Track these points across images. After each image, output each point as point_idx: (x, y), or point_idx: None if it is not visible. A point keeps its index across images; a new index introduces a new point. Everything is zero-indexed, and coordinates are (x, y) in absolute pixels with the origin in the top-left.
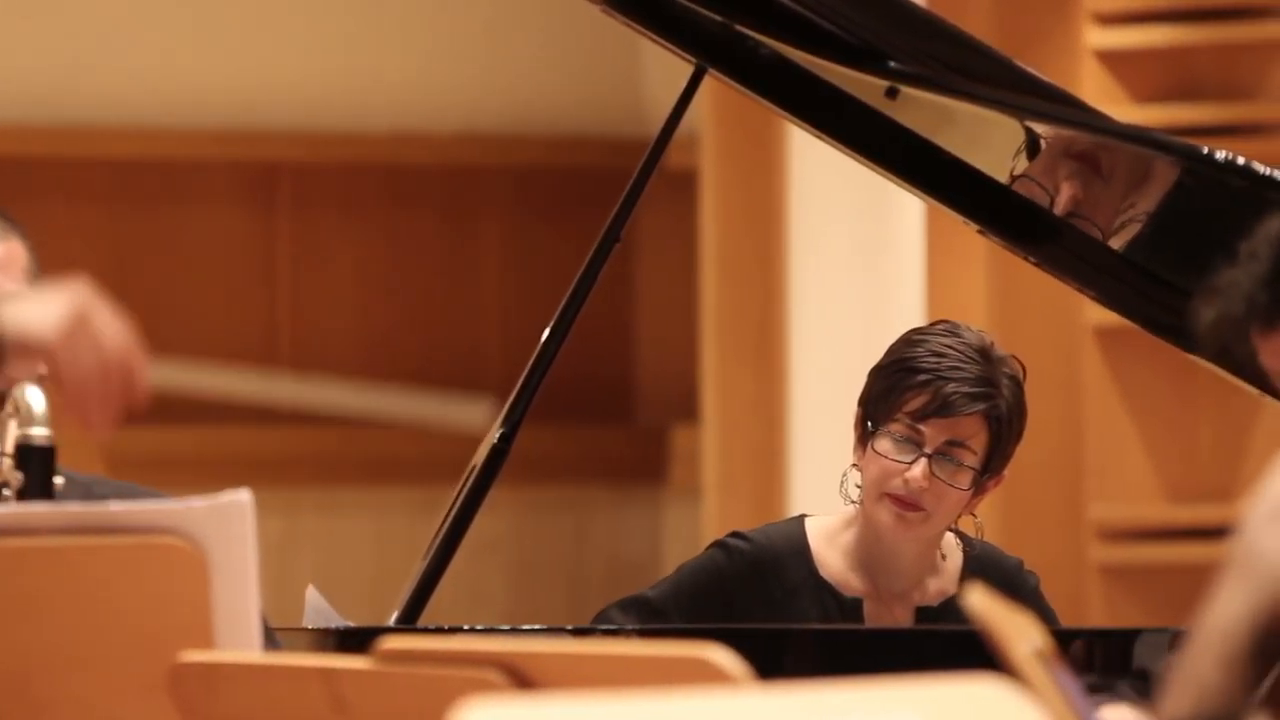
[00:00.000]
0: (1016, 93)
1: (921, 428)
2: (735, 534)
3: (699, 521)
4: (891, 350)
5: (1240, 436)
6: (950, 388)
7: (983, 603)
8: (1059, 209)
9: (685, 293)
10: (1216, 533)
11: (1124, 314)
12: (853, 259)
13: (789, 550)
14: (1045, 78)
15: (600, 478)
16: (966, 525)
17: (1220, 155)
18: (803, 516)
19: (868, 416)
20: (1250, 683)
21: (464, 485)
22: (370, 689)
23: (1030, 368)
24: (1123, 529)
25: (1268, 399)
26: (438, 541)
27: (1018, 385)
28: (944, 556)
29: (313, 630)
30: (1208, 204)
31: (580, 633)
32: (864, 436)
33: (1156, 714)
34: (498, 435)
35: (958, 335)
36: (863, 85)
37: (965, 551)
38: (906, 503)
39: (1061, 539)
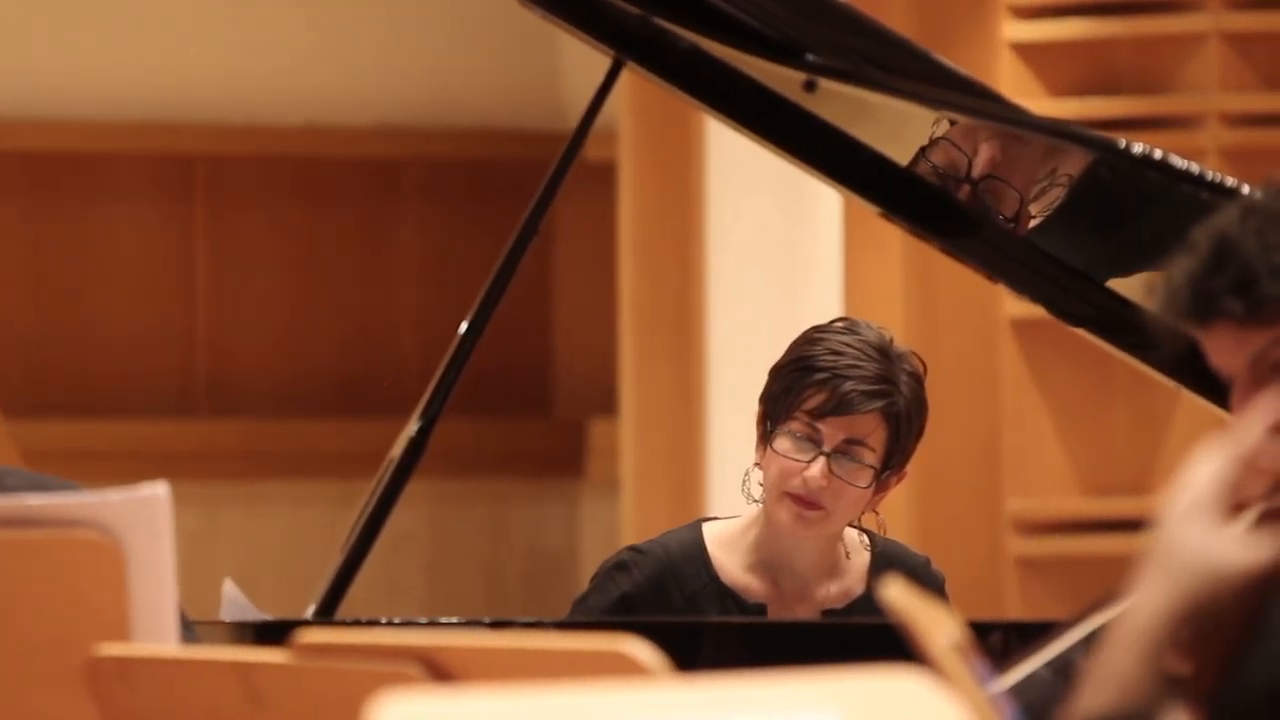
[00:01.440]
0: (934, 86)
1: (820, 426)
2: (631, 548)
3: (616, 515)
4: (790, 349)
5: (1156, 430)
6: (848, 386)
7: (900, 596)
8: (976, 201)
9: (603, 286)
10: (1132, 525)
11: (1042, 306)
12: (770, 252)
13: (687, 558)
14: (962, 71)
15: (518, 471)
16: (869, 523)
17: (1137, 149)
18: (700, 522)
19: (768, 415)
20: (1168, 675)
21: (381, 478)
22: (287, 682)
23: (947, 361)
24: (1039, 522)
25: (1184, 392)
26: (355, 534)
27: (918, 382)
28: (848, 555)
29: (230, 623)
30: (1125, 197)
31: (498, 625)
32: (764, 435)
33: (1075, 707)
34: (415, 428)
35: (856, 333)
36: (780, 78)
37: (871, 550)
38: (806, 501)
39: (979, 532)
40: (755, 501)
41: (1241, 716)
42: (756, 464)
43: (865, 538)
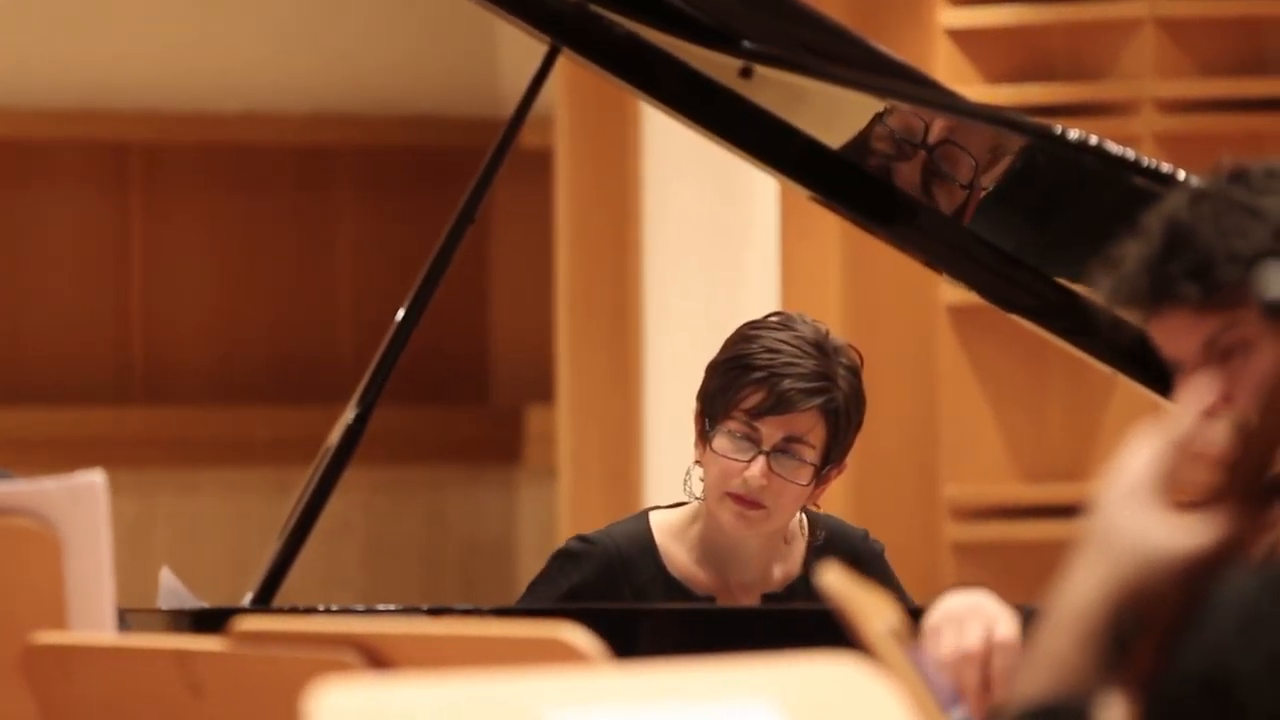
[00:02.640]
0: (870, 72)
1: (758, 425)
2: (579, 538)
3: (553, 502)
4: (726, 346)
5: (1092, 415)
6: (786, 384)
7: (838, 582)
8: (912, 187)
9: (540, 273)
10: (1069, 511)
11: (978, 293)
12: (708, 239)
13: (636, 550)
14: (899, 57)
15: (455, 458)
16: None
17: (1073, 135)
18: (648, 512)
19: (705, 413)
20: (1105, 660)
21: (318, 466)
22: (225, 670)
23: (884, 347)
24: (976, 508)
25: (1120, 378)
26: (292, 522)
27: (855, 375)
28: (787, 541)
29: (167, 611)
30: (1060, 183)
31: (436, 613)
32: (703, 433)
33: (1011, 693)
34: (352, 415)
35: (792, 329)
36: (717, 65)
37: (809, 529)
38: (747, 501)
39: (915, 518)
40: (697, 499)
41: (1176, 704)
42: (696, 461)
43: (803, 517)
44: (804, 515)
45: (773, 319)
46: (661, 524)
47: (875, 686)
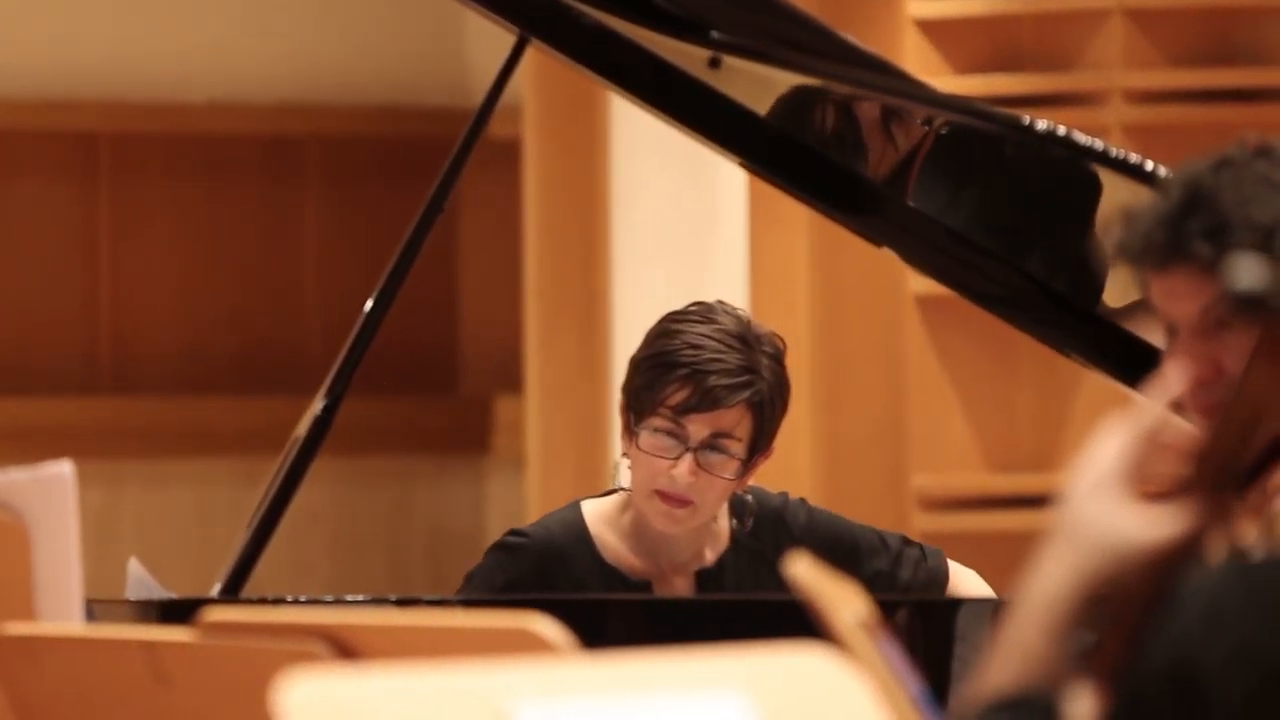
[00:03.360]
0: (839, 63)
1: (684, 422)
2: (514, 531)
3: (522, 492)
4: (648, 341)
5: (1060, 406)
6: (711, 381)
7: (806, 572)
8: (880, 178)
9: (508, 263)
10: (1037, 501)
11: (947, 284)
12: (676, 229)
13: (570, 540)
14: (868, 48)
15: (423, 448)
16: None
17: (1041, 125)
18: (579, 502)
19: (631, 408)
20: (1073, 652)
21: (287, 456)
22: (193, 661)
23: (852, 338)
24: (944, 498)
25: (1088, 369)
26: (261, 513)
27: (778, 363)
28: (716, 519)
29: (135, 602)
30: (1029, 174)
31: (404, 603)
32: (629, 427)
33: (979, 684)
34: (320, 406)
35: (714, 321)
36: (685, 55)
37: (733, 504)
38: (674, 499)
39: (884, 508)
40: (625, 490)
41: (1142, 696)
42: (624, 454)
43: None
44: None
45: (693, 310)
46: (594, 513)
47: (845, 678)
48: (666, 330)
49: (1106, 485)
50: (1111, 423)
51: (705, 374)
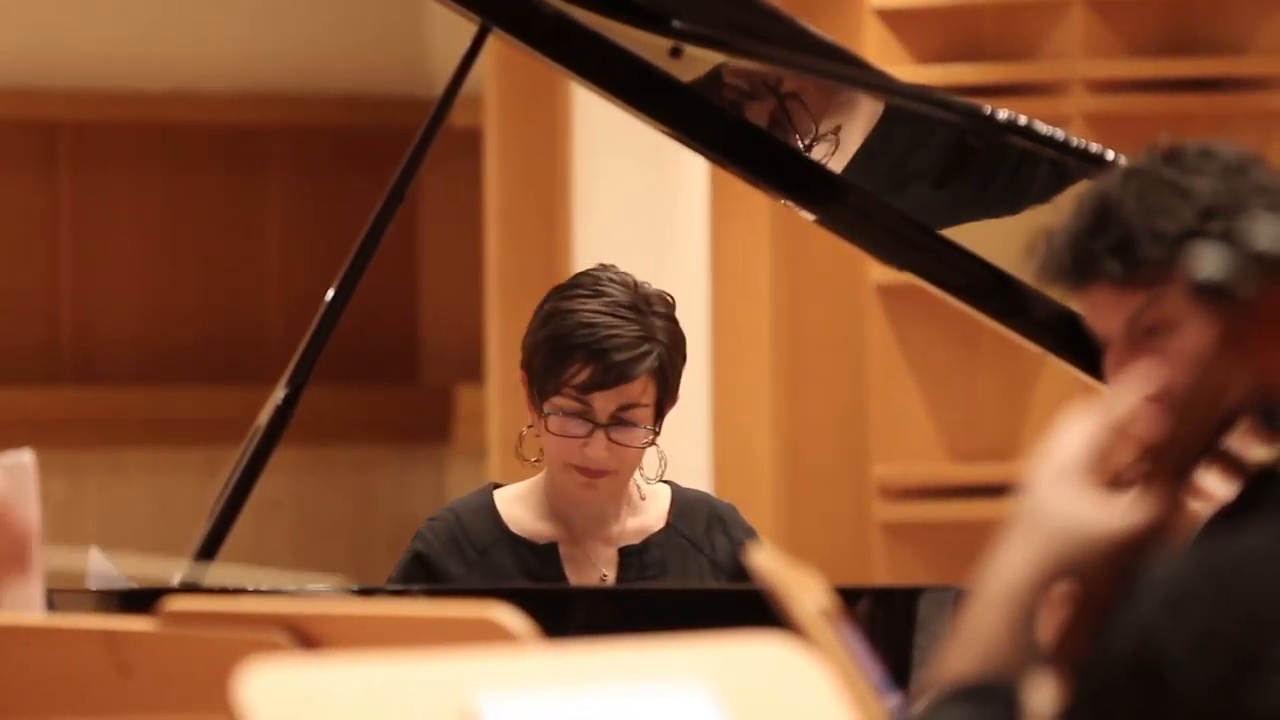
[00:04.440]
0: (800, 52)
1: (590, 400)
2: (430, 519)
3: (483, 481)
4: (541, 321)
5: (1021, 395)
6: (612, 358)
7: (767, 562)
8: (841, 167)
9: (469, 253)
10: (998, 491)
11: (908, 272)
12: (637, 218)
13: (475, 517)
14: (828, 37)
15: (385, 438)
16: (654, 461)
17: (1002, 115)
18: (492, 486)
19: (534, 385)
20: (1035, 640)
21: (248, 445)
22: (154, 651)
23: (814, 326)
24: (905, 487)
25: (1049, 358)
26: (222, 502)
27: (672, 320)
28: (644, 497)
29: (97, 592)
30: (990, 163)
31: (365, 593)
32: (533, 401)
33: (940, 672)
34: (281, 395)
35: (603, 294)
36: (647, 45)
37: (674, 491)
38: (592, 472)
39: (845, 497)
40: (529, 461)
41: (1104, 684)
42: (529, 426)
43: (665, 486)
44: (667, 488)
45: (581, 285)
46: (503, 494)
47: (807, 667)
48: (558, 310)
49: (1068, 474)
50: (1073, 412)
51: (605, 351)
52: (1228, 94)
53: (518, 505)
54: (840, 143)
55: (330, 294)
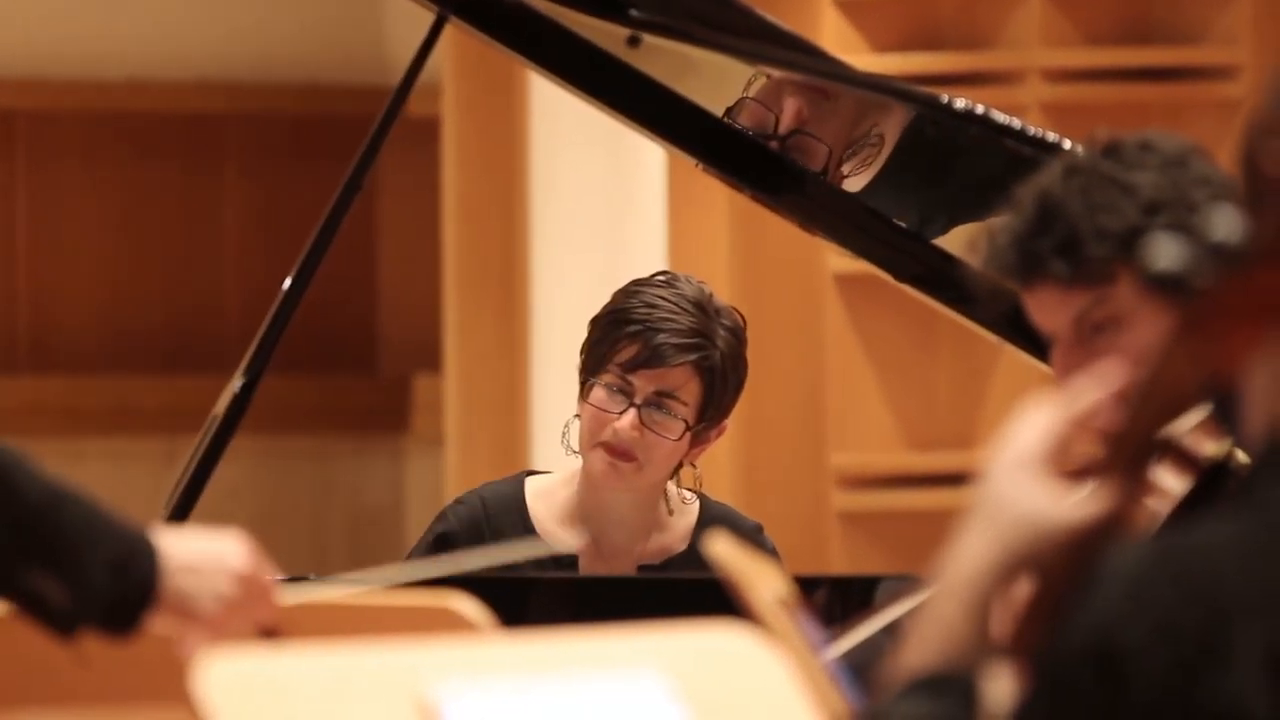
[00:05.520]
0: (758, 41)
1: (631, 379)
2: (456, 500)
3: (441, 471)
4: (610, 301)
5: (979, 384)
6: (660, 339)
7: (725, 551)
8: (793, 154)
9: (427, 241)
10: (956, 480)
11: (867, 261)
12: (595, 207)
13: (504, 508)
14: (786, 26)
15: (342, 427)
16: (688, 478)
17: (959, 104)
18: (525, 474)
19: (585, 367)
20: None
21: (205, 434)
22: (112, 641)
23: (772, 316)
24: (863, 476)
25: (1007, 347)
26: (179, 491)
27: (736, 337)
28: (672, 513)
29: None
30: (948, 153)
31: (324, 582)
32: (583, 382)
33: (899, 663)
34: (239, 384)
35: (674, 287)
36: (604, 34)
37: (700, 510)
38: (618, 451)
39: (802, 487)
40: (574, 453)
41: (1063, 675)
42: (577, 415)
43: (694, 498)
44: (695, 495)
45: (659, 277)
46: (535, 485)
47: (763, 656)
48: (627, 291)
49: (1027, 464)
50: (1031, 402)
51: (655, 331)
52: (1184, 83)
53: (547, 503)
54: None
55: (288, 283)
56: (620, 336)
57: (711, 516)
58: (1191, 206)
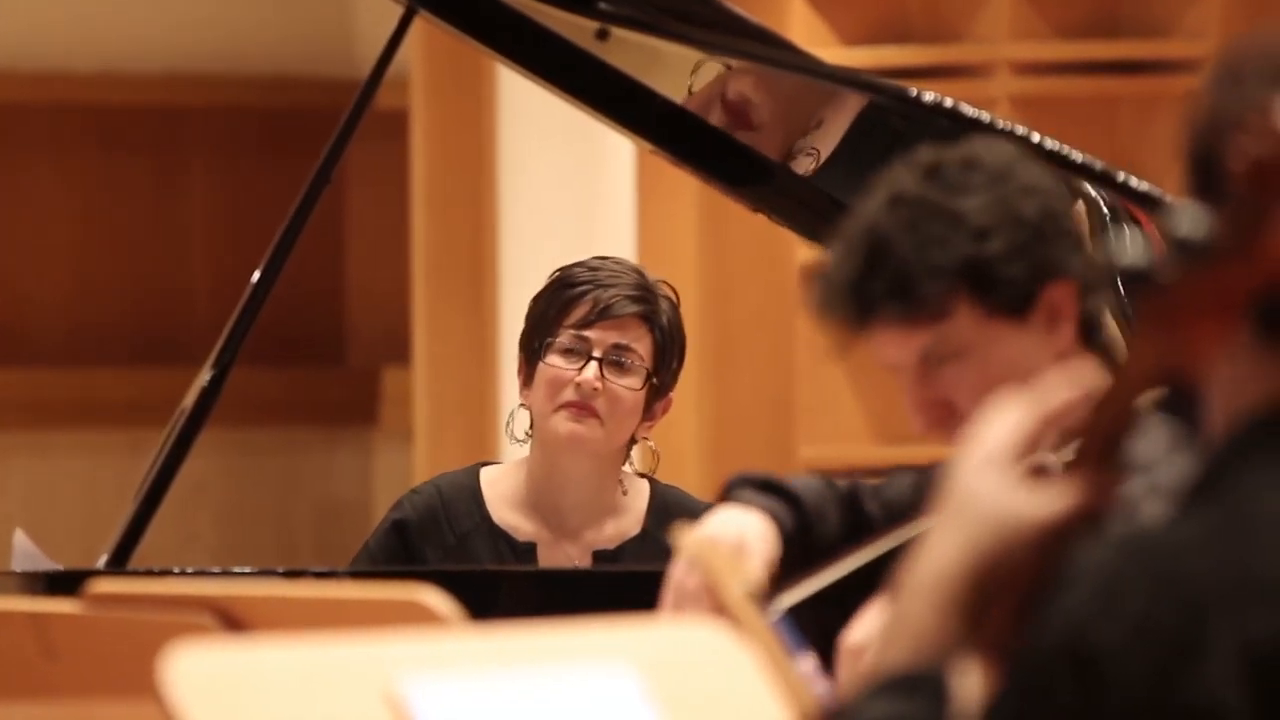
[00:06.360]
0: (727, 34)
1: (587, 334)
2: (412, 489)
3: (410, 464)
4: (549, 279)
5: None
6: (610, 293)
7: (695, 544)
8: (768, 150)
9: (396, 235)
10: None
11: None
12: (563, 200)
13: (460, 497)
14: (755, 19)
15: (311, 420)
16: (646, 458)
17: (928, 97)
18: (479, 465)
19: (531, 344)
20: (965, 628)
21: (173, 427)
22: (79, 633)
23: (740, 309)
24: (832, 469)
25: None
26: (147, 484)
27: (675, 309)
28: (626, 493)
29: (21, 574)
30: (916, 146)
31: (292, 575)
32: (527, 365)
33: (871, 661)
34: (207, 377)
35: (610, 260)
36: (573, 26)
37: (651, 493)
38: (582, 407)
39: None
40: (519, 441)
41: (1037, 673)
42: (522, 404)
43: (645, 482)
44: (649, 482)
45: (592, 258)
46: (489, 475)
47: (732, 648)
48: (564, 268)
49: (996, 460)
50: (1003, 399)
51: (604, 288)
52: (1153, 76)
53: (501, 490)
54: None
55: (256, 276)
56: (569, 299)
57: (664, 500)
58: (1021, 221)
